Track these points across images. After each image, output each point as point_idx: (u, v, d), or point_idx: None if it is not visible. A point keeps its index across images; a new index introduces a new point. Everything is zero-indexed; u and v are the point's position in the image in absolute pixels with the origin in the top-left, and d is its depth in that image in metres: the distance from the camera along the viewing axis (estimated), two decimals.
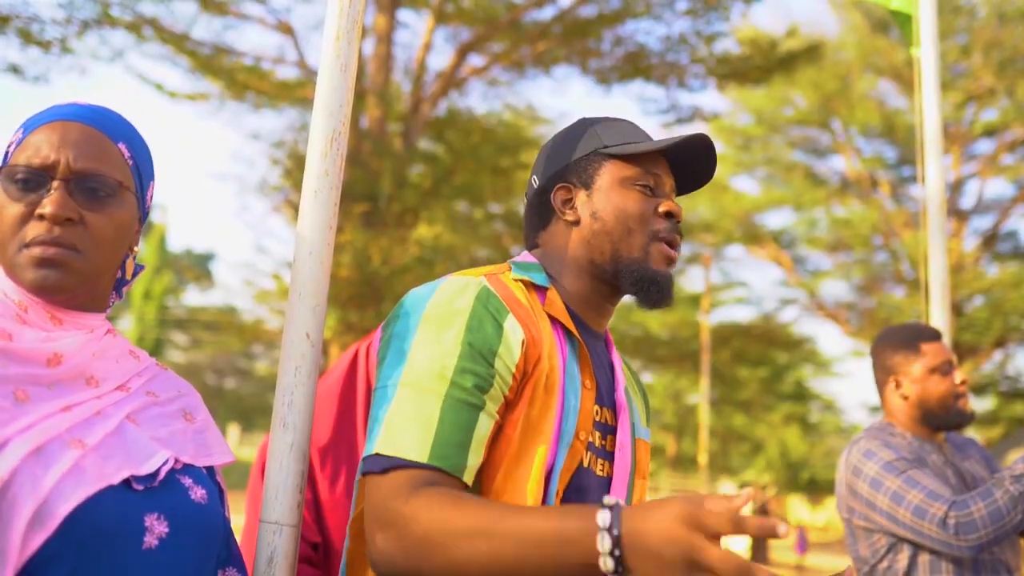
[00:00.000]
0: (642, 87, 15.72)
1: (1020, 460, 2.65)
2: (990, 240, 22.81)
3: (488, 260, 16.96)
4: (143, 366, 1.46)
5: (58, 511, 1.16)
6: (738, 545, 27.81)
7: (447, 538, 1.30)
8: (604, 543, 1.16)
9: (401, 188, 13.54)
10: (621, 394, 1.69)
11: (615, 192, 1.69)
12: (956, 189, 22.59)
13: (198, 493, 1.37)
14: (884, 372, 3.06)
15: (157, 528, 1.27)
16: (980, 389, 23.07)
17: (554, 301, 1.64)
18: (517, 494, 1.45)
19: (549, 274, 1.72)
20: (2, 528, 1.12)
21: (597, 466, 1.59)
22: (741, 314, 31.58)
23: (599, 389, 1.64)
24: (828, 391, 45.64)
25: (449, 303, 1.52)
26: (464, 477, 1.42)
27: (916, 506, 2.68)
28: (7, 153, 1.39)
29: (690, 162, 1.76)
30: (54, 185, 1.35)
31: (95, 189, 1.38)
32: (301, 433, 1.60)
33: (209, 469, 1.46)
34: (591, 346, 1.69)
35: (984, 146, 22.62)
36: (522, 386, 1.51)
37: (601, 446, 1.61)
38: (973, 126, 21.71)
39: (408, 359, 1.48)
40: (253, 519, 2.47)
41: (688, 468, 36.22)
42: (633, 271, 1.65)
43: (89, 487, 1.20)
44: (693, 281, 29.83)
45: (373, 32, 14.38)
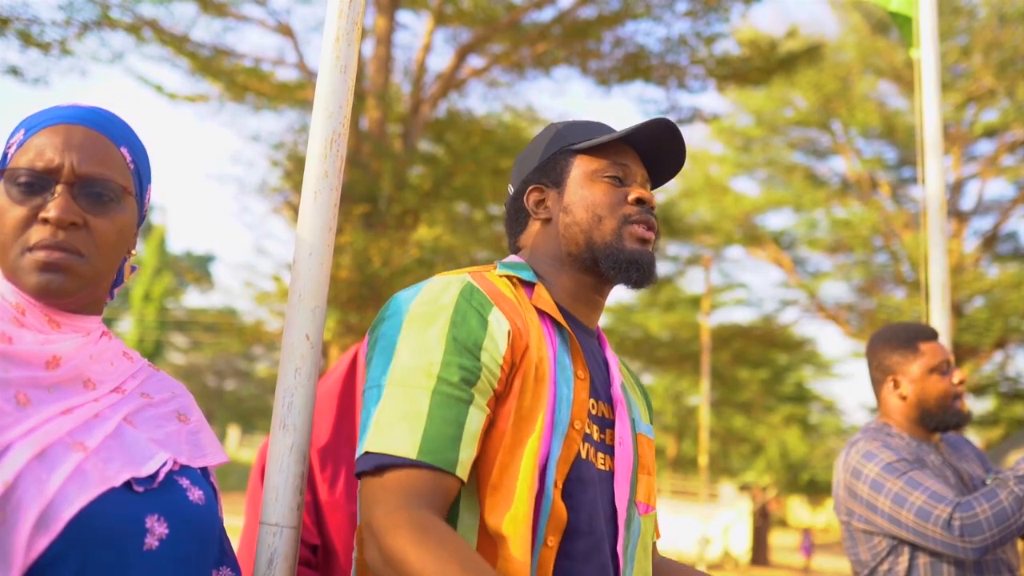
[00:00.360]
0: (642, 88, 15.73)
1: (1023, 460, 2.63)
2: (990, 241, 22.82)
3: (488, 261, 16.95)
4: (136, 367, 1.46)
5: (62, 514, 1.16)
6: (738, 546, 27.82)
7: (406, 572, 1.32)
8: None
9: (401, 189, 13.55)
10: (617, 389, 1.69)
11: (584, 186, 1.73)
12: (956, 190, 22.59)
13: (196, 494, 1.37)
14: (882, 372, 3.04)
15: (157, 529, 1.27)
16: (980, 390, 23.07)
17: (541, 295, 1.66)
18: (513, 487, 1.45)
19: (536, 272, 1.74)
20: (7, 531, 1.13)
21: (598, 460, 1.58)
22: (741, 315, 31.61)
23: (593, 381, 1.64)
24: (828, 392, 45.65)
25: (432, 301, 1.53)
26: (456, 471, 1.42)
27: (919, 508, 2.65)
28: (6, 154, 1.38)
29: (660, 152, 1.79)
30: (58, 189, 1.34)
31: (99, 193, 1.38)
32: (301, 435, 1.60)
33: (203, 469, 1.46)
34: (583, 340, 1.69)
35: (984, 147, 22.65)
36: (511, 378, 1.52)
37: (600, 440, 1.61)
38: (973, 127, 21.71)
39: (394, 358, 1.48)
40: (253, 521, 2.47)
41: (688, 469, 36.22)
42: (609, 254, 1.68)
43: (93, 490, 1.21)
44: (693, 283, 29.88)
45: (373, 33, 14.39)
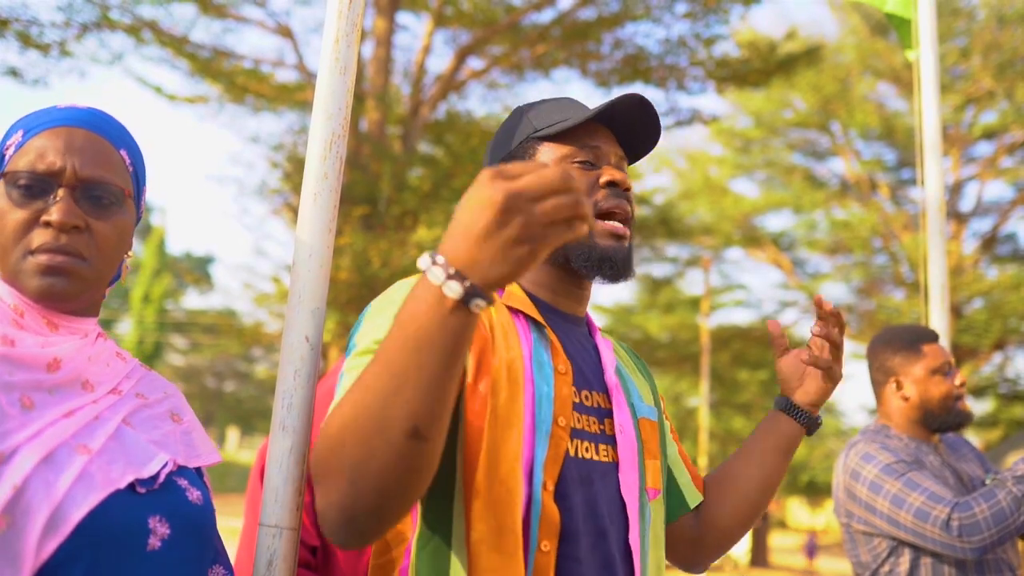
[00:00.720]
0: (642, 90, 15.68)
1: (1021, 460, 2.63)
2: (989, 242, 22.81)
3: None
4: (129, 368, 1.46)
5: (71, 517, 1.17)
6: (738, 549, 27.81)
7: (336, 414, 1.20)
8: (434, 273, 1.08)
9: (400, 191, 13.55)
10: (611, 375, 1.64)
11: None
12: (955, 191, 22.59)
13: (194, 494, 1.38)
14: (884, 373, 3.04)
15: (160, 530, 1.28)
16: (979, 391, 23.05)
17: (512, 292, 1.61)
18: (498, 493, 1.40)
19: None
20: (17, 534, 1.13)
21: (599, 452, 1.54)
22: (741, 317, 31.58)
23: (579, 373, 1.59)
24: None
25: (387, 297, 1.51)
26: None
27: (918, 509, 2.65)
28: (3, 155, 1.38)
29: (634, 127, 1.72)
30: (60, 193, 1.34)
31: (100, 197, 1.38)
32: (300, 436, 1.60)
33: (197, 469, 1.46)
34: (564, 331, 1.64)
35: (983, 148, 22.64)
36: (476, 370, 1.44)
37: (600, 431, 1.56)
38: (972, 128, 21.71)
39: (352, 351, 1.44)
40: (252, 522, 2.46)
41: None
42: (580, 252, 1.61)
43: (99, 492, 1.22)
44: (692, 284, 29.87)
45: (372, 35, 14.39)
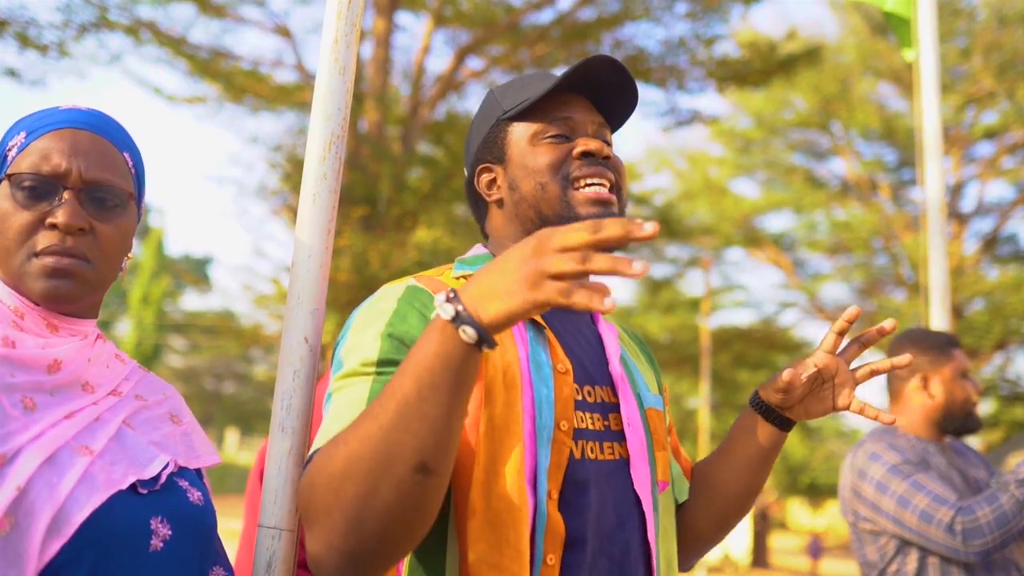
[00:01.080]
0: (642, 90, 15.69)
1: (1023, 463, 2.63)
2: (990, 243, 22.81)
3: None
4: (128, 369, 1.46)
5: (74, 518, 1.18)
6: (738, 549, 27.82)
7: (340, 449, 1.19)
8: (445, 309, 1.10)
9: (400, 192, 13.55)
10: (615, 365, 1.56)
11: (526, 154, 1.59)
12: (956, 192, 22.59)
13: (195, 495, 1.39)
14: (909, 369, 3.01)
15: (161, 531, 1.28)
16: (980, 392, 23.05)
17: None
18: (499, 508, 1.34)
19: None
20: (20, 535, 1.14)
21: (604, 451, 1.47)
22: (741, 317, 31.54)
23: (581, 368, 1.53)
24: None
25: (371, 308, 1.45)
26: None
27: (922, 511, 2.66)
28: (6, 156, 1.38)
29: (610, 92, 1.63)
30: (65, 195, 1.34)
31: (104, 199, 1.38)
32: (299, 437, 1.60)
33: (197, 470, 1.47)
34: (562, 324, 1.57)
35: (984, 149, 22.64)
36: None
37: (604, 427, 1.49)
38: (973, 129, 21.71)
39: (340, 368, 1.40)
40: (252, 523, 2.46)
41: None
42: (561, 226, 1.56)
43: (102, 493, 1.22)
44: (693, 285, 29.89)
45: (372, 35, 14.39)
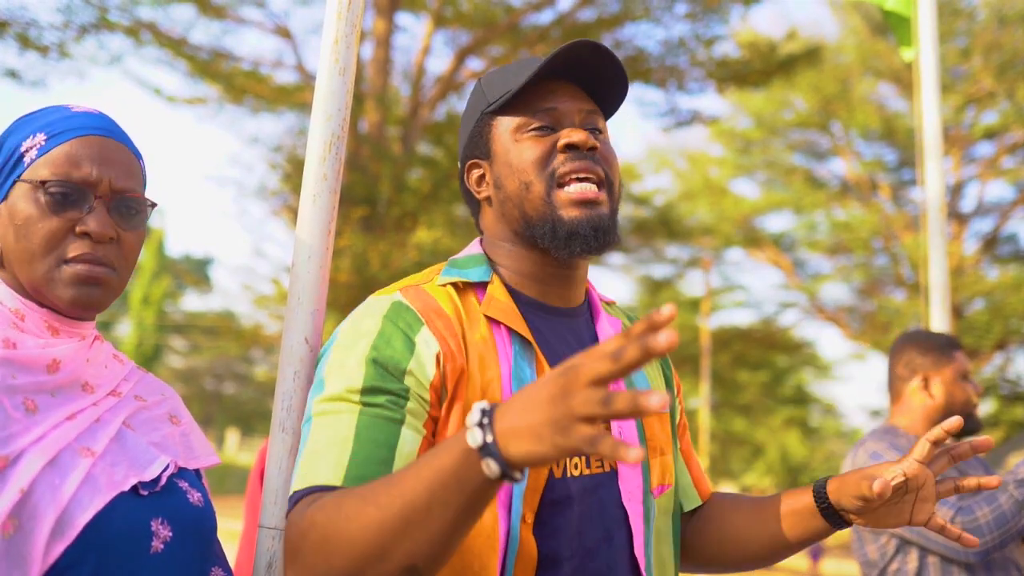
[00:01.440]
0: (642, 90, 15.68)
1: (1022, 463, 2.64)
2: (990, 243, 22.80)
3: None
4: (127, 370, 1.46)
5: (77, 520, 1.18)
6: None
7: (340, 523, 1.16)
8: (474, 435, 1.03)
9: (400, 192, 13.55)
10: None
11: (510, 149, 1.52)
12: (956, 192, 22.58)
13: (195, 496, 1.39)
14: (911, 369, 3.02)
15: (162, 532, 1.29)
16: (980, 394, 23.05)
17: (494, 298, 1.48)
18: (474, 531, 1.32)
19: (493, 260, 1.57)
20: (24, 537, 1.14)
21: (592, 464, 1.44)
22: (741, 318, 31.54)
23: None
24: (828, 395, 45.60)
25: (356, 326, 1.41)
26: None
27: None
28: (21, 157, 1.36)
29: (598, 75, 1.54)
30: (96, 203, 1.34)
31: (129, 208, 1.39)
32: (300, 437, 1.59)
33: (196, 471, 1.47)
34: (554, 330, 1.52)
35: (984, 149, 22.63)
36: (450, 404, 1.37)
37: None
38: (973, 129, 21.70)
39: (321, 390, 1.37)
40: (252, 524, 2.46)
41: None
42: (545, 230, 1.47)
43: (104, 495, 1.23)
44: (693, 285, 29.88)
45: (372, 36, 14.39)
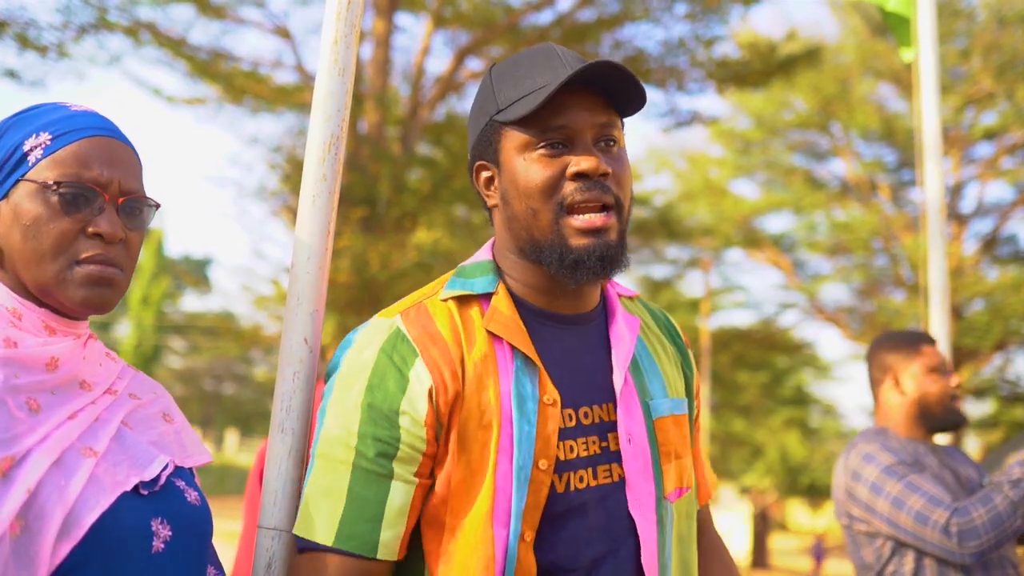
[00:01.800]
0: None
1: (1016, 464, 2.63)
2: (990, 244, 22.78)
3: None
4: (120, 368, 1.47)
5: (84, 520, 1.19)
6: (738, 550, 27.81)
7: None
8: None
9: (400, 193, 13.54)
10: (618, 378, 1.48)
11: (517, 166, 1.46)
12: (956, 193, 22.56)
13: (192, 496, 1.39)
14: (882, 370, 3.05)
15: (162, 532, 1.30)
16: (980, 393, 23.03)
17: (498, 311, 1.47)
18: (467, 552, 1.35)
19: (501, 267, 1.55)
20: (31, 538, 1.15)
21: (599, 475, 1.43)
22: (741, 318, 31.47)
23: (577, 390, 1.46)
24: (828, 395, 45.62)
25: (356, 356, 1.44)
26: (378, 555, 1.36)
27: (917, 512, 2.66)
28: (25, 156, 1.35)
29: (612, 83, 1.46)
30: (106, 205, 1.35)
31: (136, 209, 1.39)
32: (299, 438, 1.60)
33: (189, 469, 1.47)
34: (561, 339, 1.50)
35: (984, 150, 22.60)
36: (443, 437, 1.39)
37: (601, 450, 1.45)
38: (972, 129, 21.68)
39: (323, 425, 1.42)
40: (251, 525, 2.46)
41: None
42: (552, 257, 1.44)
43: (109, 495, 1.23)
44: (692, 285, 29.86)
45: (371, 36, 14.38)
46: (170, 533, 1.30)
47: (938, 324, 3.56)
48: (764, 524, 30.34)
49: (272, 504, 1.57)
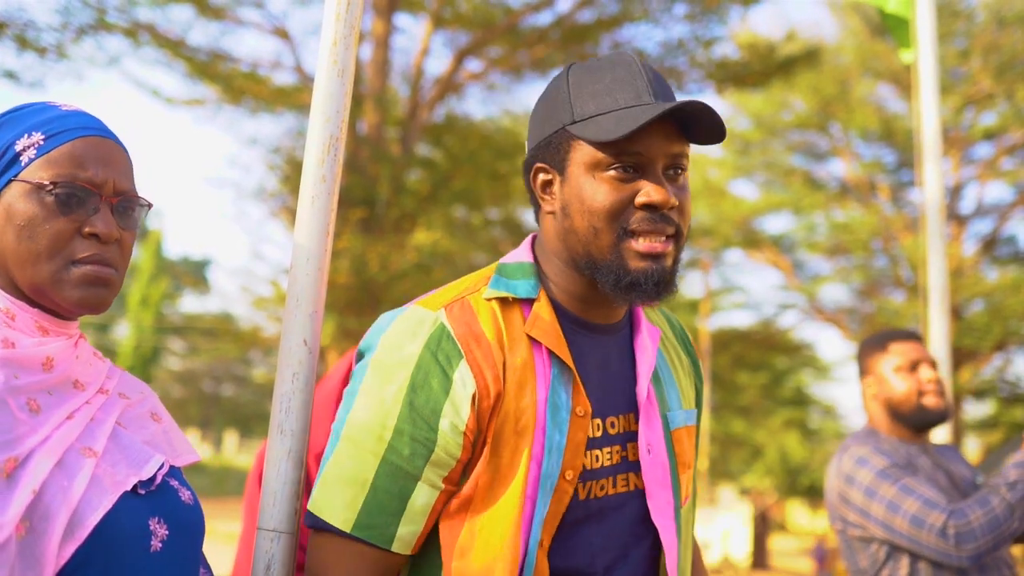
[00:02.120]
0: None
1: (1013, 466, 2.62)
2: (989, 244, 22.79)
3: (487, 265, 16.86)
4: (107, 367, 1.47)
5: (88, 521, 1.20)
6: (738, 551, 27.80)
7: None
8: None
9: (399, 194, 13.53)
10: (642, 390, 1.50)
11: (584, 181, 1.44)
12: (955, 193, 22.56)
13: (185, 495, 1.40)
14: (861, 371, 3.06)
15: (159, 531, 1.30)
16: (980, 394, 23.04)
17: (539, 317, 1.46)
18: (485, 551, 1.37)
19: (544, 271, 1.55)
20: (36, 539, 1.15)
21: (618, 484, 1.46)
22: (740, 319, 31.48)
23: (605, 400, 1.48)
24: (828, 396, 45.50)
25: (398, 348, 1.41)
26: (393, 547, 1.37)
27: (913, 515, 2.63)
28: (17, 156, 1.34)
29: (694, 117, 1.44)
30: (101, 205, 1.35)
31: (129, 209, 1.40)
32: (298, 439, 1.59)
33: (178, 468, 1.47)
34: (596, 349, 1.51)
35: (983, 150, 22.61)
36: (479, 442, 1.40)
37: (621, 459, 1.47)
38: (972, 130, 21.68)
39: (353, 407, 1.41)
40: (251, 526, 2.45)
41: None
42: (609, 276, 1.43)
43: (111, 496, 1.24)
44: (692, 286, 29.85)
45: (371, 37, 14.38)
46: (167, 532, 1.31)
47: (938, 325, 3.56)
48: (764, 525, 30.32)
49: (271, 506, 1.56)
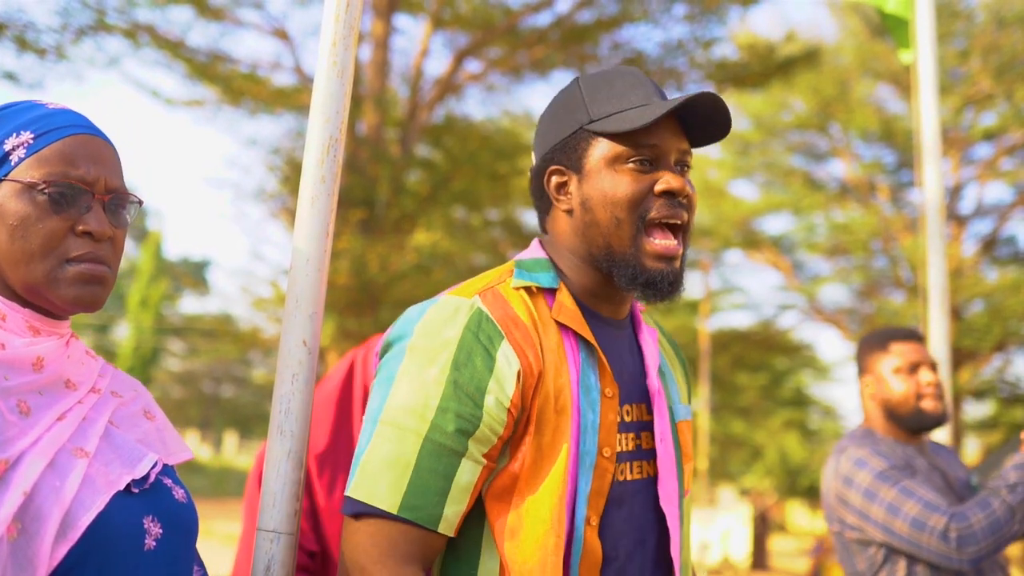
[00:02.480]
0: None
1: (1013, 468, 2.61)
2: (989, 245, 22.78)
3: (487, 266, 16.89)
4: (99, 365, 1.47)
5: (80, 521, 1.20)
6: (737, 552, 27.79)
7: None
8: None
9: (398, 194, 13.53)
10: (653, 380, 1.57)
11: (605, 175, 1.53)
12: (955, 194, 22.56)
13: (179, 493, 1.40)
14: (860, 370, 3.05)
15: (154, 530, 1.30)
16: (980, 394, 23.03)
17: (564, 305, 1.53)
18: (535, 530, 1.39)
19: (558, 267, 1.61)
20: (29, 540, 1.15)
21: (634, 471, 1.51)
22: (740, 320, 31.46)
23: (624, 388, 1.54)
24: (828, 397, 45.47)
25: (437, 332, 1.43)
26: (439, 528, 1.38)
27: (914, 518, 2.62)
28: (7, 155, 1.34)
29: (701, 116, 1.55)
30: (94, 203, 1.35)
31: (122, 207, 1.40)
32: (298, 440, 1.59)
33: (171, 467, 1.48)
34: (611, 340, 1.57)
35: (983, 150, 22.59)
36: (522, 420, 1.43)
37: (636, 446, 1.53)
38: (972, 130, 21.67)
39: (391, 393, 1.42)
40: (251, 527, 2.45)
41: None
42: (626, 271, 1.51)
43: (104, 495, 1.24)
44: (692, 287, 29.82)
45: (370, 38, 14.37)
46: (161, 531, 1.31)
47: (937, 325, 3.56)
48: (764, 526, 30.29)
49: (271, 506, 1.56)
